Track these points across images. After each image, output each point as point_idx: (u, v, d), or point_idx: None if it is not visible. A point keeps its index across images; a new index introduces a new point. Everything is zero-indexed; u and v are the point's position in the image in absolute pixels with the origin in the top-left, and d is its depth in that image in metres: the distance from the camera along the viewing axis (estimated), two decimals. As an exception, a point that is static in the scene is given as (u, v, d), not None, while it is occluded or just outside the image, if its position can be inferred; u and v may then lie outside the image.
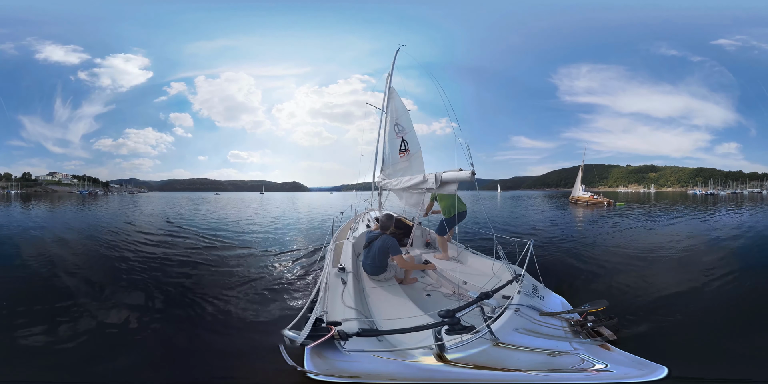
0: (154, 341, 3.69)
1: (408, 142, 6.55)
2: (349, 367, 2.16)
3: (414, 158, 6.36)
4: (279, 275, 6.07)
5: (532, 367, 2.34)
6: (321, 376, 2.06)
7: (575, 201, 34.08)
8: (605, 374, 2.36)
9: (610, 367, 2.43)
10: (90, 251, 8.50)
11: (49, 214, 20.99)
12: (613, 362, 2.50)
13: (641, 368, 2.44)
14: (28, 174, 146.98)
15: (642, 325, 3.91)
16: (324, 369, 2.10)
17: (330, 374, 2.08)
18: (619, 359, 2.58)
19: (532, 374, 2.27)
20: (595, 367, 2.43)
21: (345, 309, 2.97)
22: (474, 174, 3.76)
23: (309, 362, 2.12)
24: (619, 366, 2.45)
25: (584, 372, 2.37)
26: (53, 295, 4.95)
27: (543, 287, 3.86)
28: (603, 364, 2.46)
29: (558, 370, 2.38)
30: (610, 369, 2.41)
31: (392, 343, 2.61)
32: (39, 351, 3.39)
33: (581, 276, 6.23)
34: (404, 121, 6.70)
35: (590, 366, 2.44)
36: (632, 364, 2.52)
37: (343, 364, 2.18)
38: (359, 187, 11.53)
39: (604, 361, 2.51)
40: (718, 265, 6.80)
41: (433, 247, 5.93)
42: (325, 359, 2.18)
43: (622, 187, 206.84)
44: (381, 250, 3.97)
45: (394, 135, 6.83)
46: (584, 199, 32.64)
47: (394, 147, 6.82)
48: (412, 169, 6.33)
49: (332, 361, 2.18)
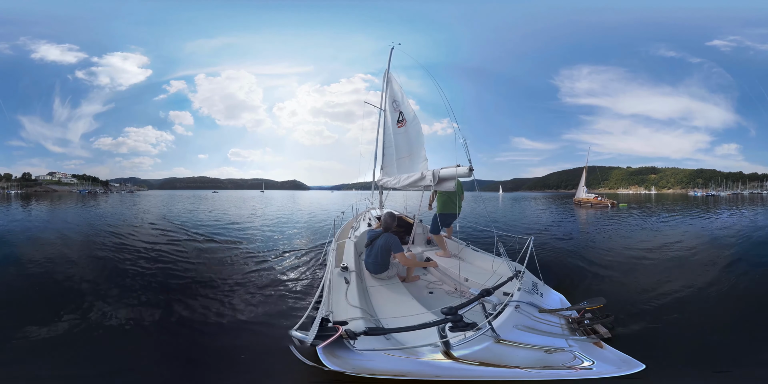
0: (155, 341, 3.71)
1: (403, 113, 6.72)
2: (365, 365, 2.19)
3: (411, 125, 6.52)
4: (280, 275, 6.11)
5: (528, 364, 2.41)
6: (350, 372, 2.09)
7: (579, 202, 34.37)
8: (585, 371, 2.43)
9: (595, 364, 2.51)
10: (84, 248, 8.57)
11: (43, 212, 21.07)
12: (601, 360, 2.57)
13: (621, 365, 2.51)
14: (28, 174, 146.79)
15: (637, 323, 3.96)
16: (346, 367, 2.12)
17: (343, 372, 2.10)
18: (608, 357, 2.65)
19: (528, 371, 2.33)
20: (583, 364, 2.50)
21: (350, 308, 3.00)
22: (472, 170, 3.75)
23: (328, 362, 2.12)
24: (603, 363, 2.52)
25: (569, 369, 2.44)
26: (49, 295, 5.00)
27: (543, 284, 3.92)
28: (590, 362, 2.53)
29: (550, 367, 2.44)
30: (592, 366, 2.48)
31: (399, 340, 2.64)
32: (39, 351, 3.43)
33: (581, 273, 6.28)
34: (398, 97, 6.89)
35: (579, 363, 2.51)
36: (616, 361, 2.59)
37: (358, 362, 2.20)
38: (359, 186, 11.58)
39: (592, 358, 2.58)
40: (719, 265, 6.84)
41: (434, 245, 6.00)
42: (340, 359, 2.19)
43: (622, 189, 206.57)
44: (383, 248, 4.03)
45: (393, 110, 7.02)
46: (588, 200, 33.18)
47: (393, 120, 7.01)
48: (409, 138, 6.45)
49: (347, 360, 2.20)
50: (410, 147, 6.44)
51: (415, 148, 6.23)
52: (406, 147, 6.60)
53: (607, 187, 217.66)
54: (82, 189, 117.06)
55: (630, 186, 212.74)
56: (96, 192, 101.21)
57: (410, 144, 6.42)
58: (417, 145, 6.22)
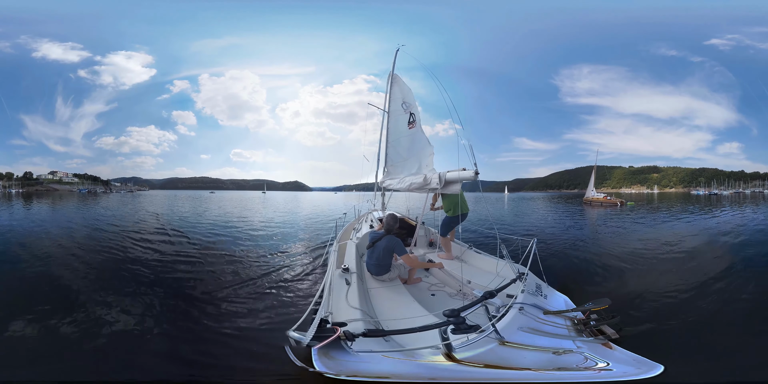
0: (155, 341, 3.69)
1: (414, 114, 6.87)
2: (359, 368, 2.16)
3: (419, 127, 6.72)
4: (282, 276, 6.09)
5: (540, 365, 2.37)
6: (332, 374, 2.05)
7: (589, 202, 35.11)
8: (606, 373, 2.38)
9: (611, 365, 2.46)
10: (80, 246, 8.57)
11: (34, 212, 21.19)
12: (614, 361, 2.52)
13: (639, 366, 2.46)
14: (30, 173, 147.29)
15: (645, 323, 3.94)
16: (335, 369, 2.09)
17: (338, 374, 2.07)
18: (621, 358, 2.60)
19: (542, 373, 2.29)
20: (598, 365, 2.46)
21: (350, 309, 2.97)
22: (477, 174, 3.80)
23: (318, 363, 2.10)
24: (619, 364, 2.48)
25: (588, 370, 2.39)
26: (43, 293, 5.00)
27: (546, 286, 3.88)
28: (605, 363, 2.48)
29: (564, 368, 2.40)
30: (611, 367, 2.44)
31: (399, 343, 2.61)
32: (40, 350, 3.42)
33: (585, 274, 6.26)
34: (409, 99, 7.03)
35: (593, 364, 2.46)
36: (632, 362, 2.54)
37: (352, 364, 2.17)
38: (359, 187, 11.57)
39: (606, 359, 2.53)
40: (724, 264, 6.79)
41: (436, 247, 5.97)
42: (333, 360, 2.17)
43: (625, 189, 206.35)
44: (386, 250, 4.00)
45: (402, 112, 7.10)
46: (598, 199, 34.19)
47: (402, 122, 7.10)
48: (419, 140, 6.58)
49: (341, 361, 2.17)
50: (420, 149, 6.44)
51: (425, 151, 6.25)
52: (415, 148, 6.59)
53: (609, 186, 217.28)
54: (82, 188, 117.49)
55: (632, 185, 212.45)
56: (96, 191, 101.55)
57: (421, 145, 6.42)
58: (425, 147, 6.26)
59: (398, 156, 7.22)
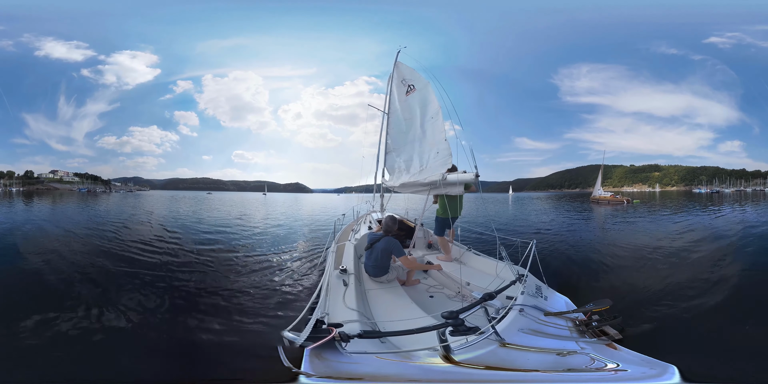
0: (153, 340, 3.69)
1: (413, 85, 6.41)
2: (350, 369, 2.14)
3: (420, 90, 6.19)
4: (279, 277, 6.07)
5: (547, 367, 2.33)
6: (314, 378, 2.03)
7: (597, 200, 35.69)
8: (623, 373, 2.35)
9: (622, 366, 2.42)
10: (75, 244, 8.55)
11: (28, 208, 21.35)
12: (623, 361, 2.48)
13: (652, 367, 2.42)
14: (31, 172, 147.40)
15: (647, 323, 3.90)
16: (322, 371, 2.07)
17: (328, 376, 2.05)
18: (628, 358, 2.56)
19: (551, 374, 2.26)
20: (608, 366, 2.42)
21: (346, 310, 2.95)
22: (477, 176, 3.79)
23: (307, 364, 2.09)
24: (631, 365, 2.44)
25: (600, 371, 2.36)
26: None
27: (546, 287, 3.84)
28: (615, 364, 2.44)
29: (574, 370, 2.37)
30: (624, 368, 2.39)
31: (395, 344, 2.58)
32: (40, 350, 3.39)
33: (587, 275, 6.22)
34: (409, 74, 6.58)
35: (602, 365, 2.42)
36: (642, 363, 2.50)
37: (343, 365, 2.15)
38: (361, 189, 11.53)
39: (614, 360, 2.49)
40: (726, 260, 6.76)
41: (435, 249, 5.93)
42: (324, 361, 2.15)
43: (626, 187, 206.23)
44: (384, 251, 3.96)
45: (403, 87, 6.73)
46: (606, 198, 34.89)
47: (401, 92, 6.74)
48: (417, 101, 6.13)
49: (332, 362, 2.15)
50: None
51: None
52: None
53: (611, 185, 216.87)
54: (82, 187, 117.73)
55: (634, 184, 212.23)
56: (96, 191, 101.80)
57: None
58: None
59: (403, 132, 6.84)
